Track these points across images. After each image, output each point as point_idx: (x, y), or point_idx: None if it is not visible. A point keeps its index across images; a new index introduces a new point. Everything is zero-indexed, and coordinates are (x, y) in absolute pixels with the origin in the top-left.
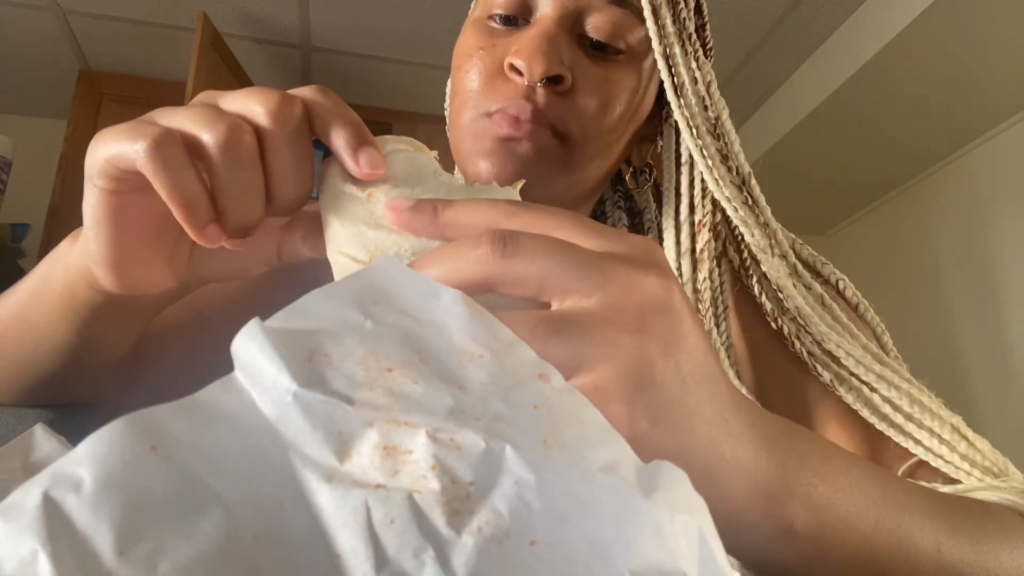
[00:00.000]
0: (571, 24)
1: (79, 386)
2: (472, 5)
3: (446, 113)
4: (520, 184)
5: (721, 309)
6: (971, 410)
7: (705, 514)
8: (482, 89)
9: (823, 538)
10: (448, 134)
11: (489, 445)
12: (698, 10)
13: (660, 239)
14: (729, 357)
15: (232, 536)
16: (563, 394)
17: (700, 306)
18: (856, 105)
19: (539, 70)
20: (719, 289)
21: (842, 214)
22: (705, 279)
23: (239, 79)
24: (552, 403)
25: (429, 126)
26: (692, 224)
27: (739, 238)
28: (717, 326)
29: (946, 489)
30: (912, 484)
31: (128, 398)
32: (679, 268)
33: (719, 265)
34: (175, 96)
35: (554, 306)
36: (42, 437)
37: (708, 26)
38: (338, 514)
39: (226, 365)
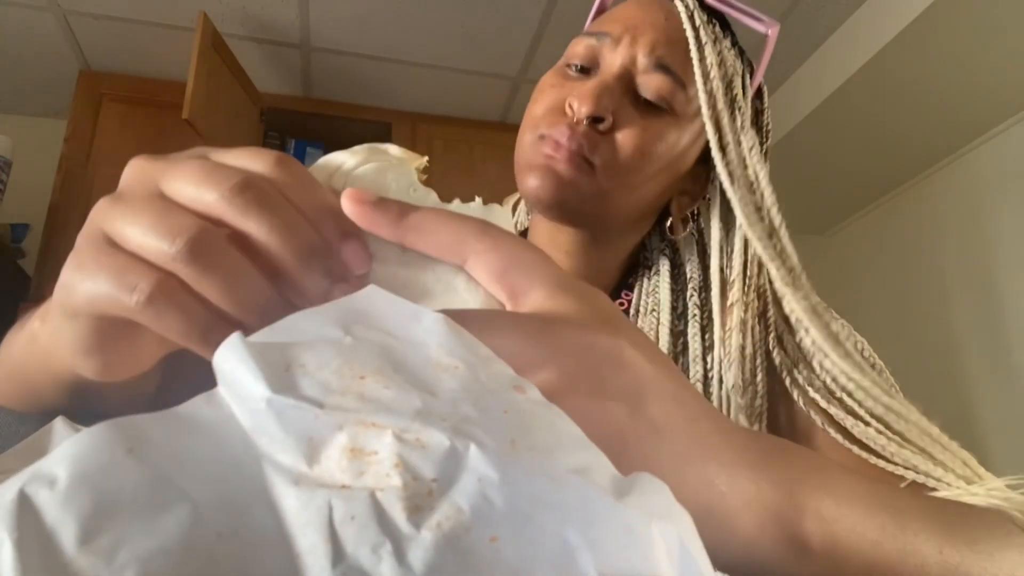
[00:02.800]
0: (627, 81)
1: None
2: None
3: None
4: (503, 207)
5: (759, 362)
6: (971, 410)
7: (686, 523)
8: (542, 117)
9: (837, 551)
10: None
11: (454, 444)
12: (759, 95)
13: (705, 287)
14: (762, 403)
15: (195, 533)
16: (537, 405)
17: (733, 349)
18: (856, 105)
19: (585, 111)
20: (760, 342)
21: (842, 214)
22: (747, 332)
23: (239, 79)
24: (524, 411)
25: (429, 126)
26: (743, 279)
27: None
28: (754, 375)
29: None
30: (905, 489)
31: (128, 407)
32: (724, 320)
33: (760, 322)
34: (175, 96)
35: None
36: (62, 429)
37: (768, 112)
38: (302, 514)
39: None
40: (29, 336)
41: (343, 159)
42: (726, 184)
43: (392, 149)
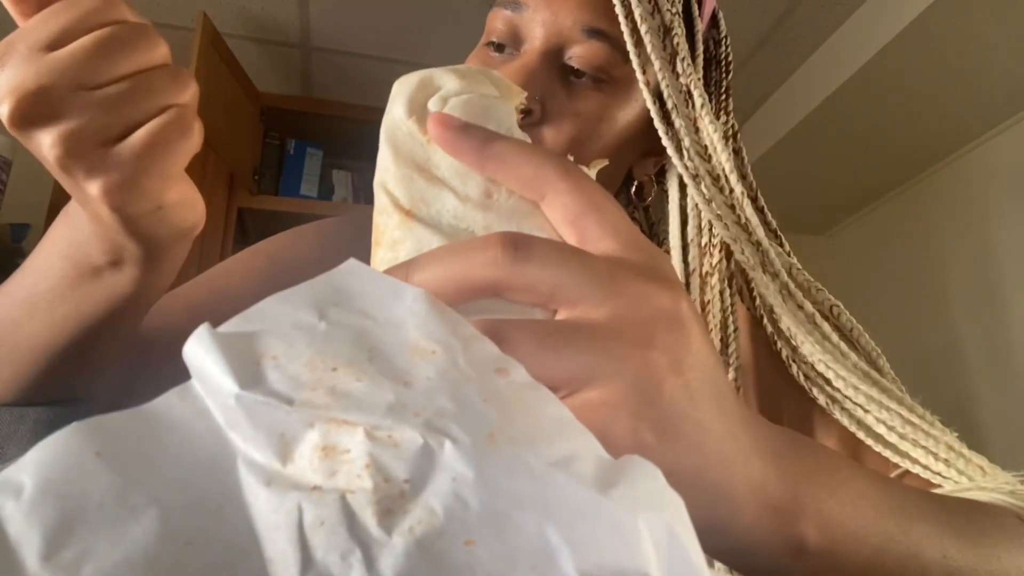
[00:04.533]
0: (553, 56)
1: (80, 381)
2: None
3: None
4: (601, 166)
5: (731, 330)
6: (972, 410)
7: (678, 510)
8: None
9: (834, 554)
10: None
11: (427, 441)
12: (715, 23)
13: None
14: (737, 378)
15: (163, 541)
16: (521, 389)
17: (709, 325)
18: (856, 105)
19: None
20: (729, 310)
21: (842, 214)
22: (713, 299)
23: (239, 79)
24: (505, 398)
25: None
26: (699, 245)
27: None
28: (726, 347)
29: (939, 491)
30: (914, 490)
31: (127, 397)
32: (687, 287)
33: (730, 286)
34: None
35: (561, 314)
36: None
37: (726, 41)
38: (272, 518)
39: None
40: (44, 250)
41: (444, 80)
42: (674, 159)
43: (494, 76)
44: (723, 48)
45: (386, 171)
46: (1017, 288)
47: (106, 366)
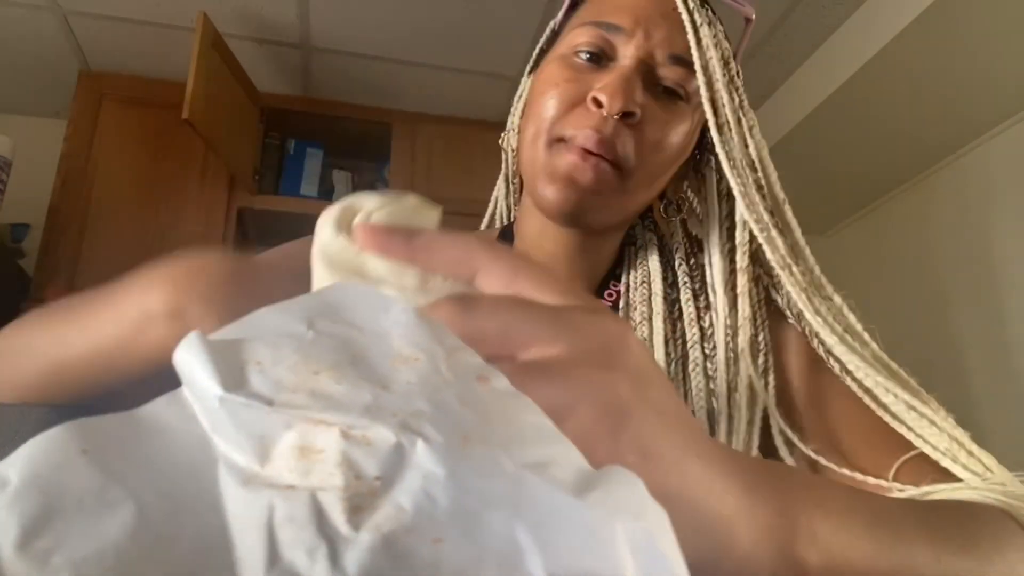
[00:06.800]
0: (645, 73)
1: (90, 393)
2: (543, 39)
3: (509, 134)
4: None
5: (760, 321)
6: (972, 410)
7: (659, 520)
8: (561, 116)
9: (833, 569)
10: (514, 150)
11: (400, 440)
12: (737, 74)
13: (697, 257)
14: (766, 360)
15: (135, 537)
16: (502, 396)
17: (740, 316)
18: (856, 105)
19: (618, 105)
20: (758, 305)
21: (842, 214)
22: (743, 294)
23: (239, 79)
24: (485, 403)
25: (429, 126)
26: (733, 249)
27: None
28: (755, 334)
29: (930, 493)
30: (898, 499)
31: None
32: (734, 286)
33: (758, 284)
34: (175, 96)
35: (519, 357)
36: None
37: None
38: (245, 516)
39: None
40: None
41: (365, 202)
42: (725, 166)
43: (411, 198)
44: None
45: (321, 283)
46: (1017, 288)
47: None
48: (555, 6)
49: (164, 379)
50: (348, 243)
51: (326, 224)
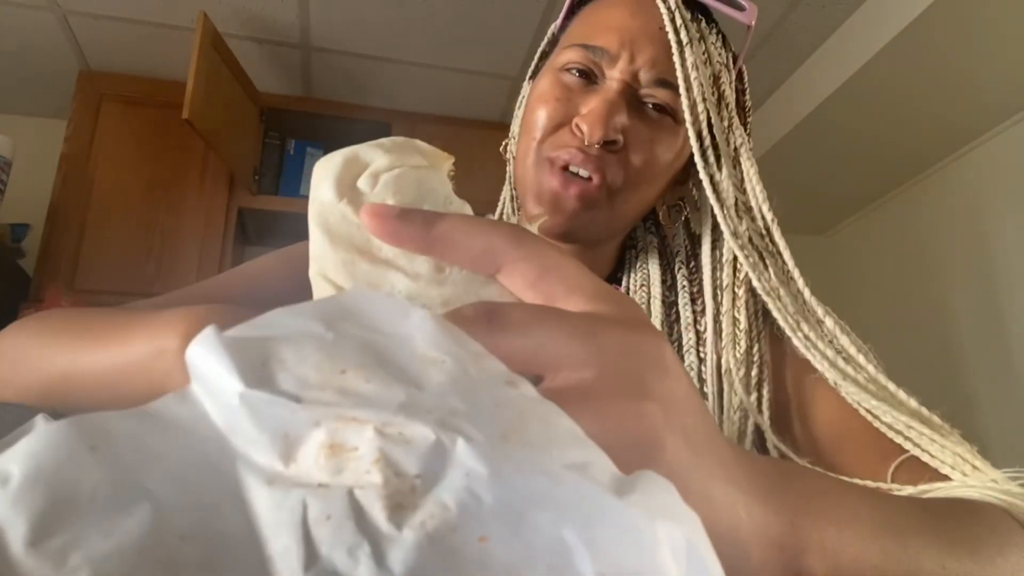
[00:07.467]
0: (630, 94)
1: (102, 406)
2: (544, 43)
3: (511, 141)
4: (540, 221)
5: (756, 332)
6: (972, 410)
7: (695, 525)
8: (548, 135)
9: None
10: (514, 157)
11: (439, 437)
12: (740, 77)
13: (696, 267)
14: (761, 373)
15: (155, 535)
16: (532, 401)
17: (737, 330)
18: (856, 105)
19: (598, 135)
20: (754, 317)
21: (842, 214)
22: (740, 308)
23: (239, 79)
24: (518, 405)
25: (429, 126)
26: (733, 265)
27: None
28: (750, 346)
29: (928, 491)
30: (905, 500)
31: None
32: (718, 301)
33: (754, 297)
34: (175, 96)
35: (548, 378)
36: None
37: (747, 90)
38: (274, 515)
39: None
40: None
41: (372, 156)
42: (708, 193)
43: (421, 146)
44: (746, 96)
45: (323, 259)
46: (1016, 288)
47: None
48: (555, 6)
49: None
50: (351, 214)
51: (325, 180)
